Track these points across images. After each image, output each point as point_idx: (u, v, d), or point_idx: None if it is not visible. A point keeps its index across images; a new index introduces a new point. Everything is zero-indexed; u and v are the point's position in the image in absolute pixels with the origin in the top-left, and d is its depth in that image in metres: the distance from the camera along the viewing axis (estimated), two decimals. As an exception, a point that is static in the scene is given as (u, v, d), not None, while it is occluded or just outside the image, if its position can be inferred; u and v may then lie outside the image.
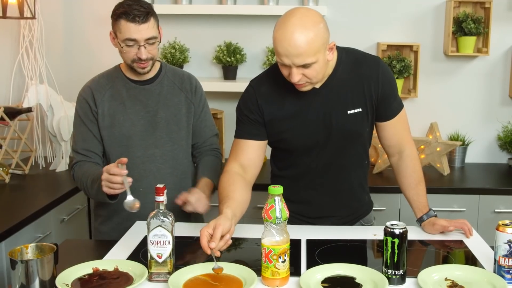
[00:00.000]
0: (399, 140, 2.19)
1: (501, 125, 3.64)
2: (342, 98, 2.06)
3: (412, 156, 2.20)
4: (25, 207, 2.70)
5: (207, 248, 1.71)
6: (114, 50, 3.59)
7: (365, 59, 2.11)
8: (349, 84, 2.06)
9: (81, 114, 2.30)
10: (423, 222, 2.13)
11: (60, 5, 3.65)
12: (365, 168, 2.27)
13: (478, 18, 3.41)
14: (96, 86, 2.32)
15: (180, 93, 2.36)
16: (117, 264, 1.80)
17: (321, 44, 1.89)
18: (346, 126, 2.07)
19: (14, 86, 3.62)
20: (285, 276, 1.69)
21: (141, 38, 2.15)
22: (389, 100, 2.12)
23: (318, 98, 2.06)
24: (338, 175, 2.18)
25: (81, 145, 2.29)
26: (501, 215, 3.11)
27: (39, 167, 3.48)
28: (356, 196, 2.27)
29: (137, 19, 2.14)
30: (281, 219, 1.66)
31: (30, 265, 1.62)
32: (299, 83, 1.94)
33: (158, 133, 2.30)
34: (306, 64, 1.87)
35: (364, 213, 2.32)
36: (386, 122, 2.15)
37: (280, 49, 1.87)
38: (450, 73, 3.61)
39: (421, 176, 2.20)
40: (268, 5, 3.46)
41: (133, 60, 2.21)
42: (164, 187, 1.73)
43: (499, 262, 1.70)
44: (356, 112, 2.07)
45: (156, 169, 2.31)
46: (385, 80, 2.09)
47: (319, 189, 2.20)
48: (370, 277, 1.70)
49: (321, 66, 1.93)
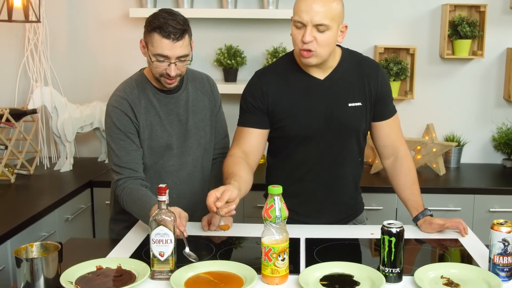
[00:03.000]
0: (394, 141, 2.24)
1: (495, 126, 3.66)
2: (344, 91, 2.14)
3: (407, 157, 2.25)
4: (30, 207, 2.71)
5: (212, 206, 1.78)
6: (117, 53, 3.68)
7: (367, 60, 2.23)
8: (351, 79, 2.16)
9: (120, 127, 2.17)
10: (418, 221, 2.15)
11: (64, 9, 3.66)
12: (359, 166, 2.30)
13: (473, 21, 3.42)
14: (131, 98, 2.19)
15: (203, 97, 2.33)
16: (120, 262, 1.81)
17: (338, 15, 2.01)
18: (345, 118, 2.14)
19: (19, 88, 3.63)
20: (285, 274, 1.69)
21: (173, 56, 2.07)
22: (386, 101, 2.20)
23: (321, 88, 2.13)
24: (333, 168, 2.21)
25: (126, 159, 2.17)
26: (496, 214, 3.12)
27: (43, 167, 3.48)
28: (349, 193, 2.30)
29: (172, 36, 2.04)
30: (281, 218, 1.67)
31: (35, 263, 1.63)
32: (308, 47, 2.00)
33: (190, 141, 2.28)
34: (321, 24, 1.96)
35: (357, 212, 2.35)
36: (382, 121, 2.22)
37: (302, 5, 1.97)
38: (446, 75, 3.62)
39: (416, 176, 2.23)
40: (268, 9, 3.47)
41: (161, 74, 2.13)
42: (166, 187, 1.73)
43: (494, 260, 1.71)
44: (356, 106, 2.14)
45: (187, 175, 2.31)
46: (384, 81, 2.20)
47: (314, 181, 2.22)
48: (367, 275, 1.70)
49: (332, 39, 2.02)
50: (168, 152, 2.25)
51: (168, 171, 2.27)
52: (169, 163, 2.26)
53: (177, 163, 2.28)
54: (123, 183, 2.17)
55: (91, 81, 3.73)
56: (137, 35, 3.62)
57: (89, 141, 3.82)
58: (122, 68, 3.66)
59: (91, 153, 3.82)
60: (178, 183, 2.29)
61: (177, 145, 2.26)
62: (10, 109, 3.17)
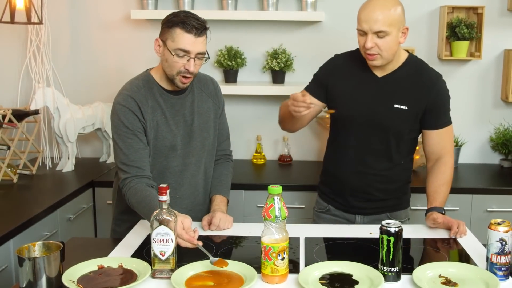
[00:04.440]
0: (440, 150, 2.33)
1: (493, 126, 3.67)
2: (395, 92, 2.31)
3: (447, 164, 2.32)
4: (32, 207, 2.71)
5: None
6: (119, 54, 3.71)
7: (428, 71, 2.39)
8: (406, 84, 2.31)
9: (128, 125, 2.17)
10: (427, 213, 2.22)
11: (66, 11, 3.67)
12: (391, 165, 2.38)
13: (471, 23, 3.44)
14: (138, 97, 2.19)
15: (208, 99, 2.35)
16: (121, 261, 1.82)
17: (397, 19, 2.19)
18: (387, 116, 2.29)
19: (22, 89, 3.64)
20: (284, 273, 1.70)
21: (193, 51, 2.10)
22: (438, 112, 2.33)
23: (375, 85, 2.32)
24: (366, 158, 2.36)
25: (134, 157, 2.17)
26: (493, 214, 3.13)
27: (46, 167, 3.49)
28: (377, 186, 2.39)
29: (194, 31, 2.09)
30: (280, 218, 1.68)
31: (37, 262, 1.64)
32: (371, 52, 2.20)
33: (194, 142, 2.29)
34: (380, 31, 2.16)
35: (394, 206, 2.44)
36: (431, 130, 2.33)
37: (362, 16, 2.19)
38: (444, 76, 3.46)
39: (448, 181, 2.30)
40: (267, 10, 3.49)
41: (178, 71, 2.14)
42: (167, 187, 1.74)
43: (492, 259, 1.73)
44: (401, 109, 2.29)
45: (191, 176, 2.32)
46: (440, 93, 2.34)
47: (348, 166, 2.39)
48: (366, 274, 1.72)
49: (393, 42, 2.21)
50: (172, 152, 2.26)
51: (172, 171, 2.28)
52: (173, 164, 2.27)
53: (181, 164, 2.29)
54: (129, 182, 2.16)
55: (93, 82, 3.75)
56: (138, 37, 3.67)
57: (91, 141, 3.83)
58: (123, 69, 3.67)
59: (93, 153, 3.84)
60: (181, 184, 2.30)
61: (181, 146, 2.27)
62: (12, 109, 3.18)
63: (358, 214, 2.45)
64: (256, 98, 3.71)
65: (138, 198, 2.12)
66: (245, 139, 3.79)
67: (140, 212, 2.15)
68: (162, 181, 2.19)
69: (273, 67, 3.53)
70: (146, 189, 2.14)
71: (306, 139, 3.72)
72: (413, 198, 2.59)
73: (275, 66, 3.52)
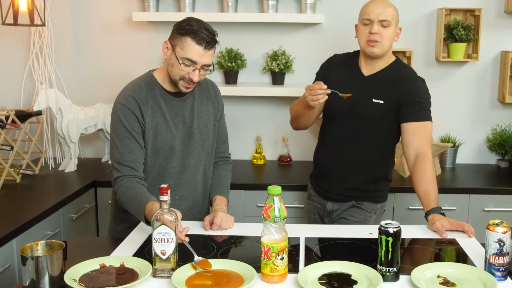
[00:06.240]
0: (418, 145, 2.39)
1: (490, 127, 3.69)
2: (375, 88, 2.50)
3: (426, 157, 2.36)
4: (35, 206, 2.73)
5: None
6: (120, 56, 3.74)
7: (410, 71, 2.57)
8: (386, 82, 2.49)
9: (127, 124, 2.19)
10: (428, 217, 2.23)
11: (68, 13, 3.69)
12: (369, 156, 2.55)
13: (468, 25, 3.46)
14: (139, 97, 2.21)
15: (208, 102, 2.37)
16: (123, 260, 1.83)
17: (396, 17, 2.47)
18: (366, 109, 2.48)
19: (24, 90, 3.66)
20: (284, 272, 1.71)
21: (200, 62, 2.12)
22: (412, 106, 2.45)
23: (360, 81, 2.53)
24: (345, 146, 2.56)
25: (128, 157, 2.19)
26: (490, 213, 3.16)
27: (48, 167, 3.51)
28: (359, 175, 2.56)
29: (204, 44, 2.10)
30: (280, 218, 1.68)
31: (40, 261, 1.65)
32: (375, 38, 2.42)
33: (193, 144, 2.31)
34: (385, 20, 2.41)
35: (363, 197, 2.59)
36: (407, 123, 2.45)
37: (370, 7, 2.45)
38: (442, 78, 3.66)
39: (432, 176, 2.33)
40: (267, 13, 3.51)
41: (182, 77, 2.16)
42: (168, 187, 1.75)
43: (490, 260, 1.72)
44: (378, 103, 2.48)
45: (190, 178, 2.34)
46: (415, 88, 2.48)
47: (332, 152, 2.60)
48: (365, 274, 1.72)
49: (392, 34, 2.46)
50: (171, 154, 2.28)
51: (171, 172, 2.30)
52: (172, 165, 2.29)
53: (180, 165, 2.31)
54: (120, 181, 2.19)
55: (95, 83, 3.77)
56: (139, 38, 3.70)
57: (93, 142, 3.86)
58: (125, 70, 3.69)
59: (95, 153, 3.86)
60: (180, 185, 2.32)
61: (180, 148, 2.29)
62: (15, 110, 3.21)
63: (330, 201, 2.63)
64: (256, 99, 3.74)
65: (129, 195, 2.14)
66: (245, 140, 3.81)
67: (130, 210, 2.16)
68: (161, 182, 2.20)
69: (273, 68, 3.56)
70: (136, 186, 2.16)
71: (306, 139, 3.74)
72: (411, 198, 2.61)
73: (275, 67, 3.55)
